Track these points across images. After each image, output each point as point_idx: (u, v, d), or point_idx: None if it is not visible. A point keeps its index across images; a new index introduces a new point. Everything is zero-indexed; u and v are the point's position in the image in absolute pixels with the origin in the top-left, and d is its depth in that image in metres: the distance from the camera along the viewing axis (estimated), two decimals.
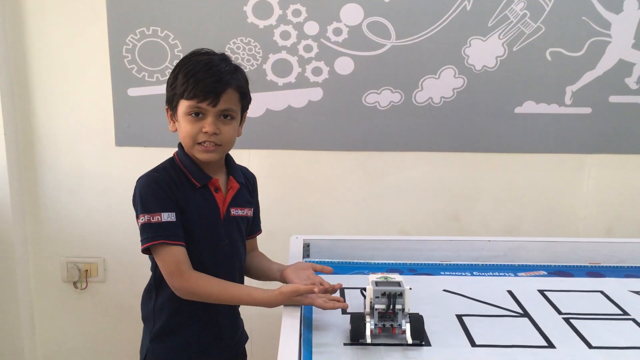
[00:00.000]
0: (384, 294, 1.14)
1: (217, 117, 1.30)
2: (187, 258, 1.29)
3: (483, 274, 1.60)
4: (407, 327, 1.14)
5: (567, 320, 1.29)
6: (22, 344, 2.17)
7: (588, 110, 2.08)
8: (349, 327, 1.16)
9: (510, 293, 1.45)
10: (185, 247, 1.30)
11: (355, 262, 1.67)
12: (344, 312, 1.29)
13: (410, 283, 1.17)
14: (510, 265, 1.67)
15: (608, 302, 1.41)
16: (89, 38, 2.02)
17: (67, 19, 2.01)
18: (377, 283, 1.16)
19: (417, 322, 1.15)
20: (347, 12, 1.99)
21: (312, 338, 1.18)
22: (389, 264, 1.66)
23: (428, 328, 1.18)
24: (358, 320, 1.15)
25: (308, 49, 2.02)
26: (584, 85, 2.05)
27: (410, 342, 1.13)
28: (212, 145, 1.30)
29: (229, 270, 1.40)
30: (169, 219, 1.28)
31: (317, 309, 1.28)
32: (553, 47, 2.02)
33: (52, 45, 2.03)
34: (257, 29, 2.00)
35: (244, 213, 1.43)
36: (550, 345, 1.18)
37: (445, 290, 1.46)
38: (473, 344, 1.17)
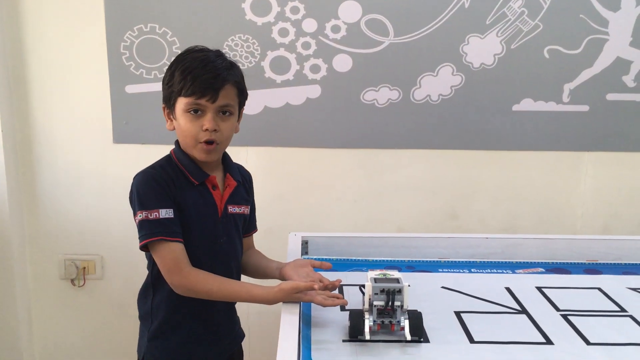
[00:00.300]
0: (383, 291, 1.14)
1: (216, 113, 1.29)
2: (185, 255, 1.29)
3: (481, 271, 1.61)
4: (405, 323, 1.14)
5: (565, 317, 1.30)
6: (19, 341, 2.16)
7: (586, 108, 2.08)
8: (348, 323, 1.17)
9: (508, 290, 1.45)
10: (183, 244, 1.29)
11: (354, 259, 1.67)
12: (343, 308, 1.29)
13: (409, 280, 1.17)
14: (508, 262, 1.67)
15: (606, 299, 1.41)
16: (87, 35, 2.02)
17: (64, 16, 2.01)
18: (375, 280, 1.17)
19: (415, 318, 1.15)
20: (345, 9, 1.99)
21: (310, 335, 1.18)
22: (387, 261, 1.66)
23: (426, 325, 1.18)
24: (357, 317, 1.15)
25: (306, 46, 2.02)
26: (582, 83, 2.06)
27: (409, 338, 1.13)
28: (211, 144, 1.30)
29: (227, 268, 1.39)
30: (167, 215, 1.27)
31: (315, 306, 1.28)
32: (551, 44, 2.02)
33: (49, 42, 2.03)
34: (255, 26, 2.00)
35: (241, 211, 1.43)
36: (549, 342, 1.18)
37: (444, 287, 1.46)
38: (471, 341, 1.18)
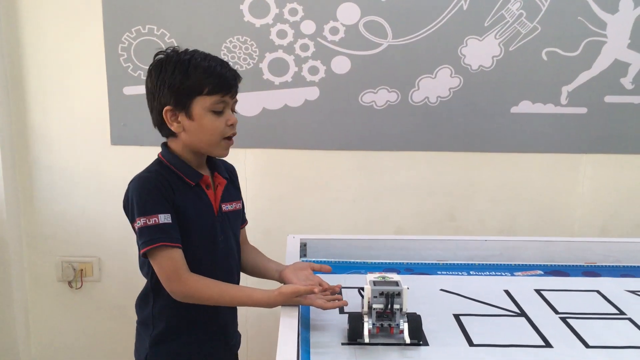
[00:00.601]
0: (382, 294, 1.14)
1: (232, 109, 1.34)
2: (184, 261, 1.27)
3: (480, 274, 1.61)
4: (405, 326, 1.14)
5: (564, 320, 1.30)
6: (16, 344, 2.16)
7: (584, 110, 2.08)
8: (347, 326, 1.16)
9: (507, 292, 1.45)
10: (183, 247, 1.28)
11: (352, 261, 1.67)
12: (342, 311, 1.29)
13: (408, 282, 1.17)
14: (507, 265, 1.67)
15: (604, 301, 1.41)
16: (85, 36, 2.01)
17: (62, 17, 2.00)
18: (375, 283, 1.16)
19: (415, 321, 1.15)
20: (343, 11, 1.99)
21: (310, 338, 1.18)
22: (386, 264, 1.66)
23: (426, 327, 1.18)
24: (356, 320, 1.15)
25: (305, 48, 2.02)
26: (580, 85, 2.06)
27: (408, 341, 1.13)
28: (231, 140, 1.35)
29: (227, 267, 1.40)
30: (166, 221, 1.25)
31: (314, 309, 1.28)
32: (549, 47, 2.03)
33: (47, 43, 2.02)
34: (253, 28, 2.00)
35: (234, 207, 1.43)
36: (548, 345, 1.18)
37: (443, 290, 1.46)
38: (471, 344, 1.18)
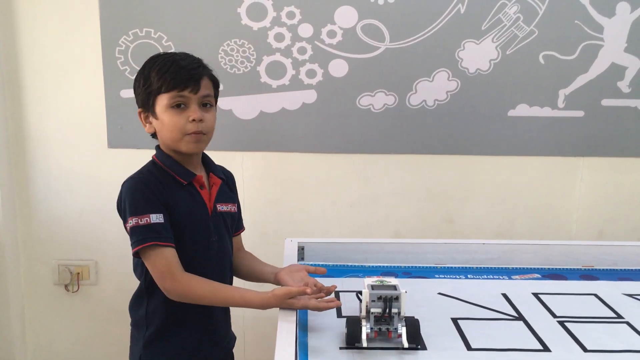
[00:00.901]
0: (380, 298, 1.14)
1: (198, 105, 1.31)
2: (177, 259, 1.28)
3: (477, 277, 1.60)
4: (403, 331, 1.13)
5: (561, 324, 1.30)
6: (12, 347, 2.15)
7: (581, 114, 2.09)
8: (345, 330, 1.16)
9: (505, 296, 1.45)
10: (176, 246, 1.29)
11: (350, 265, 1.67)
12: (340, 315, 1.29)
13: (405, 286, 1.17)
14: (504, 268, 1.67)
15: (602, 305, 1.41)
16: (82, 39, 2.01)
17: (59, 20, 2.00)
18: (373, 287, 1.16)
19: (413, 326, 1.15)
20: (341, 14, 1.99)
21: (307, 342, 1.17)
22: (384, 267, 1.66)
23: (424, 332, 1.18)
24: (354, 324, 1.15)
25: (302, 51, 2.01)
26: (577, 89, 2.06)
27: (407, 346, 1.12)
28: (200, 135, 1.31)
29: (220, 267, 1.40)
30: (158, 220, 1.27)
31: (312, 312, 1.27)
32: (546, 50, 2.03)
33: (44, 46, 2.02)
34: (251, 31, 2.00)
35: (229, 209, 1.43)
36: (546, 349, 1.18)
37: (440, 294, 1.46)
38: (469, 348, 1.17)
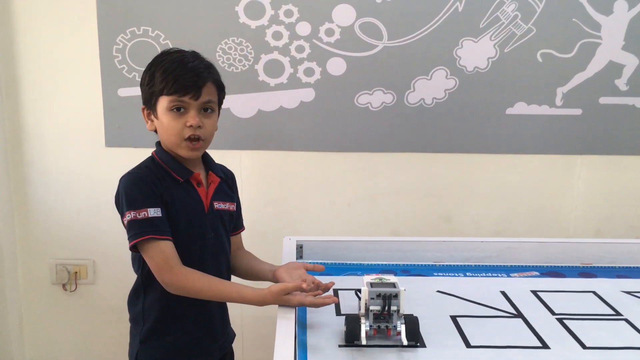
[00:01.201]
0: (379, 296, 1.14)
1: (198, 110, 1.31)
2: (175, 253, 1.29)
3: (476, 275, 1.60)
4: (402, 328, 1.13)
5: (560, 321, 1.30)
6: (10, 347, 2.14)
7: (578, 112, 2.09)
8: (344, 328, 1.16)
9: (504, 294, 1.45)
10: (173, 242, 1.30)
11: (349, 263, 1.67)
12: (339, 313, 1.29)
13: (404, 284, 1.17)
14: (503, 266, 1.67)
15: (601, 302, 1.41)
16: (79, 38, 2.00)
17: (56, 18, 1.99)
18: (372, 284, 1.16)
19: (412, 323, 1.15)
20: (339, 12, 1.99)
21: (306, 340, 1.17)
22: (382, 265, 1.66)
23: (423, 329, 1.18)
24: (353, 322, 1.15)
25: (300, 50, 2.01)
26: (575, 87, 2.06)
27: (406, 343, 1.12)
28: (197, 142, 1.31)
29: (216, 265, 1.40)
30: (156, 215, 1.28)
31: (311, 310, 1.27)
32: (544, 48, 2.03)
33: (41, 45, 2.01)
34: (248, 30, 1.99)
35: (227, 207, 1.43)
36: (545, 346, 1.18)
37: (439, 291, 1.46)
38: (468, 345, 1.17)
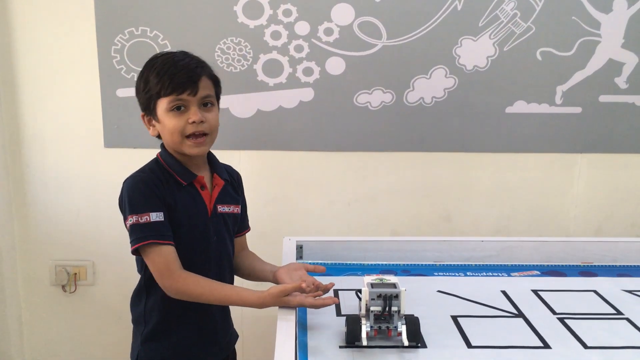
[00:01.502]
0: (380, 296, 1.13)
1: (198, 106, 1.30)
2: (176, 257, 1.29)
3: (477, 275, 1.60)
4: (403, 329, 1.13)
5: (561, 320, 1.30)
6: (9, 349, 2.14)
7: (578, 110, 2.08)
8: (345, 329, 1.16)
9: (504, 293, 1.45)
10: (175, 246, 1.29)
11: (349, 263, 1.67)
12: (339, 314, 1.28)
13: (405, 284, 1.17)
14: (504, 266, 1.67)
15: (602, 301, 1.41)
16: (77, 38, 2.00)
17: (54, 19, 1.98)
18: (372, 285, 1.16)
19: (412, 324, 1.14)
20: (338, 12, 1.98)
21: (307, 341, 1.17)
22: (382, 265, 1.66)
23: (423, 329, 1.18)
24: (353, 323, 1.15)
25: (299, 49, 2.01)
26: (574, 85, 2.06)
27: (407, 344, 1.12)
28: (201, 137, 1.30)
29: (219, 268, 1.39)
30: (158, 219, 1.28)
31: (311, 311, 1.27)
32: (543, 47, 2.02)
33: (39, 45, 2.00)
34: (247, 29, 1.99)
35: (231, 210, 1.42)
36: (546, 346, 1.18)
37: (440, 291, 1.46)
38: (469, 345, 1.17)
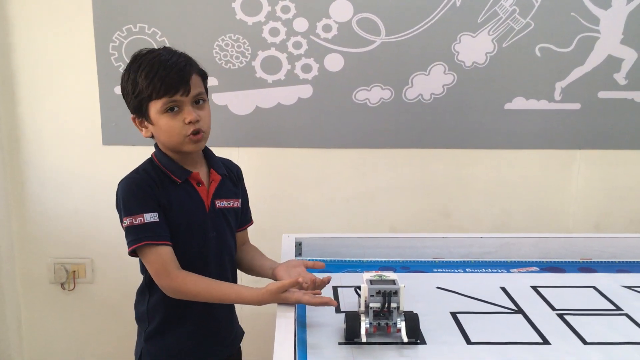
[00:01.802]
0: (379, 293, 1.13)
1: (191, 104, 1.30)
2: (173, 257, 1.29)
3: (476, 271, 1.60)
4: (402, 325, 1.13)
5: (561, 316, 1.29)
6: (9, 347, 2.14)
7: (577, 106, 2.08)
8: (344, 326, 1.15)
9: (504, 289, 1.45)
10: (174, 244, 1.30)
11: (348, 260, 1.67)
12: (338, 311, 1.28)
13: (404, 280, 1.16)
14: (503, 262, 1.67)
15: (601, 297, 1.41)
16: (75, 35, 1.99)
17: (52, 16, 1.98)
18: (371, 281, 1.16)
19: (412, 320, 1.14)
20: (336, 8, 1.97)
21: (306, 338, 1.17)
22: (381, 262, 1.66)
23: (423, 326, 1.18)
24: (353, 319, 1.14)
25: (297, 46, 2.00)
26: (573, 81, 2.05)
27: (406, 340, 1.12)
28: (198, 134, 1.30)
29: (220, 264, 1.39)
30: (152, 219, 1.28)
31: (310, 308, 1.27)
32: (542, 43, 2.02)
33: (37, 43, 2.00)
34: (245, 26, 1.98)
35: (230, 204, 1.42)
36: (546, 342, 1.18)
37: (439, 288, 1.46)
38: (468, 342, 1.17)
